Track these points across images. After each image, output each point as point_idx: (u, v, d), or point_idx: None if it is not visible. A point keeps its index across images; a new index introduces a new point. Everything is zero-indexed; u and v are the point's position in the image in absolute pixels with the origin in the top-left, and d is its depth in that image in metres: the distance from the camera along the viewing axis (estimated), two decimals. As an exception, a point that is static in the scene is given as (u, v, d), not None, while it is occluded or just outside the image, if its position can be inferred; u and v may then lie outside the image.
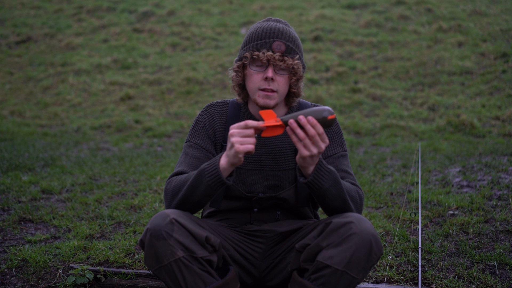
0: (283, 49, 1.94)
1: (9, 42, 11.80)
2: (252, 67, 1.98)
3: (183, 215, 1.86)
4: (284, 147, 2.09)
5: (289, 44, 1.96)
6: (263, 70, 1.96)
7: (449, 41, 9.99)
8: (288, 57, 1.95)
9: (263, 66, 1.96)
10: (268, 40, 1.95)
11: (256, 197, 2.06)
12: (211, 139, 2.08)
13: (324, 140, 1.76)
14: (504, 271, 2.56)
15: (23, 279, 2.53)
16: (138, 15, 12.51)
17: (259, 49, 1.95)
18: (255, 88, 1.98)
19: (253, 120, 2.08)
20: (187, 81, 9.39)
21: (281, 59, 1.94)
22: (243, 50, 2.01)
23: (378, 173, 4.73)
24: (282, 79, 1.97)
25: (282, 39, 1.95)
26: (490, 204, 3.50)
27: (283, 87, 1.99)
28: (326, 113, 1.76)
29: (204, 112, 2.14)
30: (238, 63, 2.01)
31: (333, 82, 8.98)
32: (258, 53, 1.94)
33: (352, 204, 1.91)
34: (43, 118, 8.45)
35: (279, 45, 1.94)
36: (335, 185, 1.85)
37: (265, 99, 1.97)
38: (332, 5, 12.27)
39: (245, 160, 2.06)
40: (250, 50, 1.97)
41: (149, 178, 4.52)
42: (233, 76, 2.05)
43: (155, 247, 1.80)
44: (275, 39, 1.95)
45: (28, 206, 3.51)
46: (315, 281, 1.80)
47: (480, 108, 7.57)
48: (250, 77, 1.99)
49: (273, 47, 1.94)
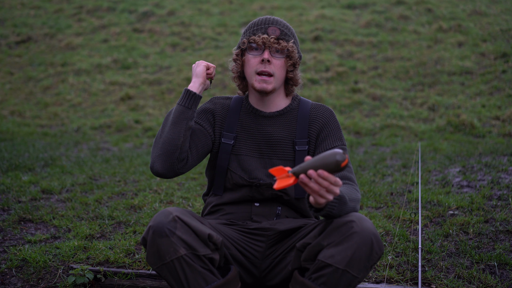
0: (278, 33, 2.08)
1: (9, 42, 11.79)
2: (249, 51, 2.10)
3: (186, 213, 1.88)
4: (283, 137, 2.15)
5: (284, 30, 2.10)
6: (259, 54, 2.08)
7: (449, 41, 9.99)
8: (283, 40, 2.08)
9: (259, 50, 2.08)
10: (263, 26, 2.09)
11: (257, 183, 2.09)
12: (210, 121, 2.18)
13: (338, 183, 1.70)
14: (504, 271, 2.56)
15: (23, 279, 2.53)
16: (138, 15, 12.51)
17: (255, 34, 2.08)
18: (253, 72, 2.09)
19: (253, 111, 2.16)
20: (187, 81, 9.39)
21: (276, 42, 2.07)
22: (241, 38, 2.14)
23: (378, 173, 4.73)
24: (278, 62, 2.09)
25: (277, 25, 2.10)
26: (490, 204, 3.50)
27: (279, 71, 2.09)
28: (339, 157, 1.66)
29: (208, 101, 2.25)
30: (237, 50, 2.15)
31: (333, 82, 8.98)
32: (254, 37, 2.07)
33: (354, 209, 1.92)
34: (43, 118, 8.45)
35: (274, 30, 2.08)
36: (343, 209, 1.84)
37: (261, 84, 2.08)
38: (332, 5, 12.27)
39: (244, 147, 2.15)
40: (246, 37, 2.10)
41: (149, 178, 4.52)
42: (233, 66, 2.18)
43: (158, 245, 1.80)
44: (269, 25, 2.09)
45: (28, 206, 3.51)
46: (316, 280, 1.80)
47: (480, 108, 7.56)
48: (248, 63, 2.11)
49: (268, 31, 2.08)
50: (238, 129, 2.16)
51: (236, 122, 2.16)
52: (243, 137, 2.15)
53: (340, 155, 1.66)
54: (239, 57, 2.14)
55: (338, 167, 1.67)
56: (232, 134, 2.15)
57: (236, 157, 2.13)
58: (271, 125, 2.15)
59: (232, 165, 2.13)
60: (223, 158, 2.13)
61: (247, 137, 2.15)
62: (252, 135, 2.15)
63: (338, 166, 1.66)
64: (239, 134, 2.16)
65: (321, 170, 1.66)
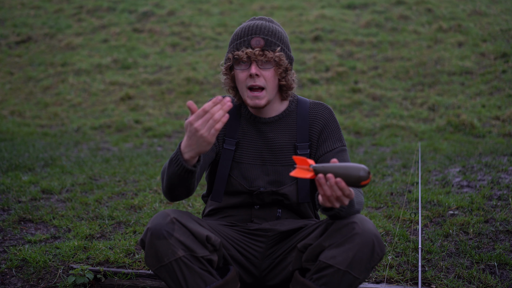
0: (262, 44, 1.97)
1: (9, 42, 11.79)
2: (236, 67, 2.01)
3: (184, 215, 1.87)
4: (285, 143, 2.11)
5: (268, 38, 1.98)
6: (247, 68, 1.99)
7: (449, 41, 9.99)
8: (269, 50, 1.97)
9: (246, 63, 1.99)
10: (246, 38, 1.99)
11: (257, 191, 2.06)
12: None
13: (350, 196, 1.69)
14: (504, 271, 2.56)
15: (23, 279, 2.53)
16: (138, 15, 12.51)
17: (238, 48, 1.99)
18: (244, 87, 2.01)
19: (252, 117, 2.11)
20: (187, 81, 9.39)
21: (261, 54, 1.97)
22: (227, 53, 2.05)
23: (378, 173, 4.73)
24: (268, 73, 2.00)
25: (260, 34, 1.99)
26: (490, 204, 3.49)
27: (271, 82, 2.01)
28: (362, 173, 1.64)
29: None
30: (225, 65, 2.05)
31: (333, 82, 8.97)
32: (239, 52, 1.97)
33: (358, 211, 1.93)
34: (43, 118, 8.45)
35: (257, 41, 1.98)
36: (350, 211, 1.85)
37: (254, 100, 2.01)
38: (332, 5, 12.26)
39: (246, 155, 2.10)
40: (231, 52, 2.01)
41: (149, 178, 4.52)
42: (224, 80, 2.10)
43: (156, 247, 1.80)
44: (253, 35, 1.98)
45: (28, 206, 3.51)
46: (317, 281, 1.80)
47: (480, 108, 7.56)
48: (237, 77, 2.02)
49: (252, 43, 1.97)
50: (240, 135, 2.12)
51: (237, 128, 2.12)
52: (244, 145, 2.11)
53: (365, 171, 1.64)
54: (228, 72, 2.05)
55: (358, 183, 1.65)
56: (233, 140, 2.11)
57: (238, 165, 2.09)
58: (272, 131, 2.11)
59: (233, 172, 2.09)
60: (224, 164, 2.09)
61: (249, 144, 2.11)
62: (253, 143, 2.11)
63: (358, 182, 1.65)
64: (240, 140, 2.12)
65: (340, 178, 1.65)
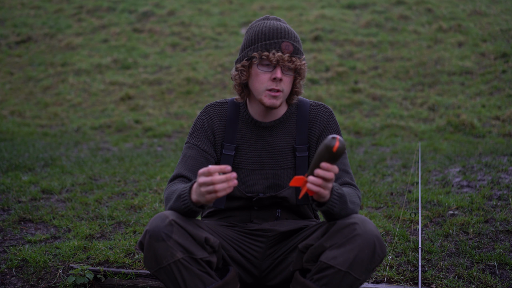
0: (291, 50, 1.95)
1: (9, 42, 11.79)
2: (260, 67, 1.98)
3: (182, 217, 1.86)
4: (284, 145, 2.10)
5: (296, 45, 1.98)
6: (270, 70, 1.97)
7: (449, 41, 9.99)
8: (296, 58, 1.96)
9: (270, 66, 1.97)
10: (277, 41, 1.95)
11: (256, 198, 2.06)
12: (210, 140, 2.09)
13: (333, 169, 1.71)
14: (504, 271, 2.56)
15: (23, 279, 2.53)
16: (138, 15, 12.51)
17: (268, 50, 1.95)
18: (262, 89, 1.98)
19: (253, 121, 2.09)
20: (187, 81, 9.39)
21: (290, 60, 1.95)
22: (250, 49, 1.99)
23: (378, 173, 4.73)
24: (288, 79, 2.00)
25: (290, 39, 1.96)
26: (490, 204, 3.49)
27: (288, 87, 2.01)
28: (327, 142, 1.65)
29: (203, 113, 2.14)
30: (244, 62, 2.00)
31: (333, 82, 8.97)
32: (268, 54, 1.94)
33: (353, 211, 1.92)
34: (43, 118, 8.45)
35: (287, 46, 1.95)
36: (343, 208, 1.85)
37: (272, 100, 1.98)
38: (332, 5, 12.26)
39: (245, 160, 2.09)
40: (258, 50, 1.96)
41: (149, 178, 4.52)
42: (235, 74, 2.04)
43: (155, 249, 1.80)
44: (283, 39, 1.95)
45: (28, 206, 3.51)
46: (318, 281, 1.80)
47: (480, 108, 7.56)
48: (257, 77, 1.99)
49: (282, 47, 1.94)
50: (238, 140, 2.10)
51: (235, 132, 2.10)
52: (244, 150, 2.10)
53: (328, 139, 1.64)
54: (246, 68, 2.00)
55: (332, 153, 1.64)
56: (232, 145, 2.09)
57: (237, 171, 2.07)
58: (272, 135, 2.10)
59: None
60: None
61: (248, 149, 2.10)
62: (253, 147, 2.10)
63: (331, 153, 1.64)
64: (239, 145, 2.10)
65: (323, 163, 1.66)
